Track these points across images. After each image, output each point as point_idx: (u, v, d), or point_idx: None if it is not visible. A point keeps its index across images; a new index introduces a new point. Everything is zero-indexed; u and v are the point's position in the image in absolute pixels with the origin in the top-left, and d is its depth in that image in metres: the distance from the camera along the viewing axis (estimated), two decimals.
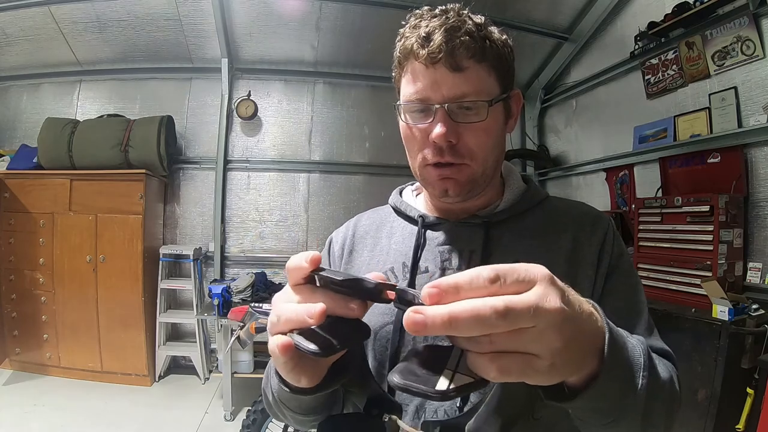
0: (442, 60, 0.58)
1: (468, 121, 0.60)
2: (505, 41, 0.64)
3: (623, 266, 0.66)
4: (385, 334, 0.64)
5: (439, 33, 0.58)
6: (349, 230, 0.80)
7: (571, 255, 0.65)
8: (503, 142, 0.68)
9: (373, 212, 0.83)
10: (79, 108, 3.93)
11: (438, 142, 0.60)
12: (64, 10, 3.38)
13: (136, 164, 3.49)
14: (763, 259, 2.30)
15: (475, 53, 0.58)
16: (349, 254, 0.76)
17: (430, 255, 0.68)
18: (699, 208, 2.32)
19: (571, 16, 3.53)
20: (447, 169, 0.63)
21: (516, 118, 0.68)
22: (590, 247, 0.65)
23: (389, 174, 4.18)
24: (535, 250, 0.65)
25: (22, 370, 3.42)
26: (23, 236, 3.42)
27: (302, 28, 3.66)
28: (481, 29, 0.60)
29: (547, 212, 0.70)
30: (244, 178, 4.05)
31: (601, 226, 0.68)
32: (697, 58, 2.62)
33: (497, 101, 0.61)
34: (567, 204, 0.73)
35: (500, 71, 0.62)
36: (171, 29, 3.61)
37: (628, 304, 0.65)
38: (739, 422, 1.96)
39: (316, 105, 4.17)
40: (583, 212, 0.71)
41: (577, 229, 0.67)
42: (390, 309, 0.64)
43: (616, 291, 0.64)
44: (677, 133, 2.77)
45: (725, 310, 2.02)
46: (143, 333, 3.45)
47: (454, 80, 0.58)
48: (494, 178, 0.69)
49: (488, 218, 0.67)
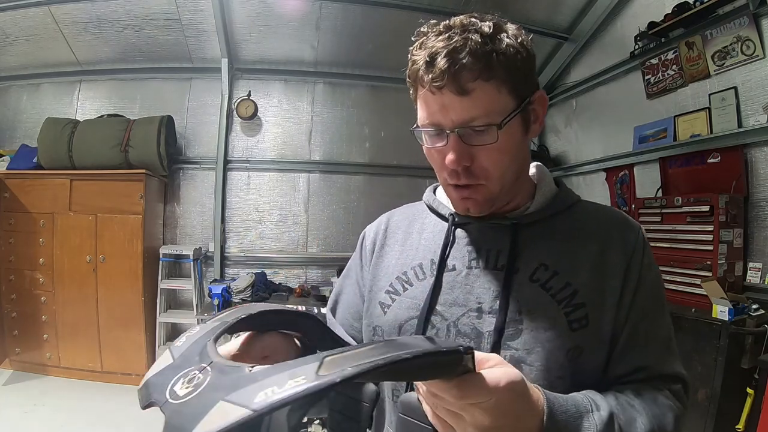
0: (447, 85, 0.57)
1: (480, 144, 0.59)
2: (520, 45, 0.60)
3: (649, 279, 0.64)
4: (409, 327, 0.67)
5: (442, 57, 0.56)
6: (381, 225, 0.81)
7: (598, 262, 0.63)
8: (524, 151, 0.66)
9: (407, 208, 0.84)
10: (79, 108, 3.92)
11: (451, 167, 0.61)
12: (64, 10, 3.37)
13: (136, 164, 3.49)
14: (763, 259, 2.30)
15: (481, 73, 0.56)
16: (380, 249, 0.77)
17: (458, 253, 0.68)
18: (699, 208, 2.32)
19: (571, 16, 3.54)
20: (465, 191, 0.64)
21: (541, 122, 0.66)
22: (617, 256, 0.64)
23: (389, 174, 4.19)
24: (560, 254, 0.64)
25: (22, 370, 3.42)
26: (23, 236, 3.42)
27: (302, 28, 3.66)
28: (488, 42, 0.57)
29: (577, 216, 0.69)
30: (244, 178, 4.05)
31: (631, 233, 0.66)
32: (697, 58, 2.62)
33: (509, 119, 0.59)
34: (597, 208, 0.71)
35: (513, 82, 0.59)
36: (171, 29, 3.61)
37: (647, 326, 0.63)
38: (739, 422, 1.96)
39: (316, 105, 4.16)
40: (613, 217, 0.69)
41: (605, 235, 0.66)
42: (416, 304, 0.67)
43: (637, 307, 0.63)
44: (677, 133, 2.77)
45: (725, 310, 2.02)
46: (143, 333, 3.45)
47: (461, 104, 0.57)
48: (521, 185, 0.69)
49: (517, 220, 0.67)
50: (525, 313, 0.61)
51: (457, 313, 0.64)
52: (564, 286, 0.62)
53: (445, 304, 0.65)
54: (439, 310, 0.65)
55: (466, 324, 0.63)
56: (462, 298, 0.65)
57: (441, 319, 0.65)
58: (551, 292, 0.61)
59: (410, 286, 0.69)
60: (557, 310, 0.60)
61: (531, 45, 0.62)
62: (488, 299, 0.63)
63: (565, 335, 0.59)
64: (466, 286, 0.65)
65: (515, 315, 0.61)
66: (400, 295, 0.70)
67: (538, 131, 0.67)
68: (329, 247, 4.13)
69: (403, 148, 4.18)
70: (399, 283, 0.71)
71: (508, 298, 0.62)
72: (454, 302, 0.65)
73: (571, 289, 0.61)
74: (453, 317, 0.64)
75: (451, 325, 0.64)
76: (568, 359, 0.59)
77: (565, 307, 0.61)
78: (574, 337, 0.59)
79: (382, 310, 0.70)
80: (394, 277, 0.72)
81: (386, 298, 0.71)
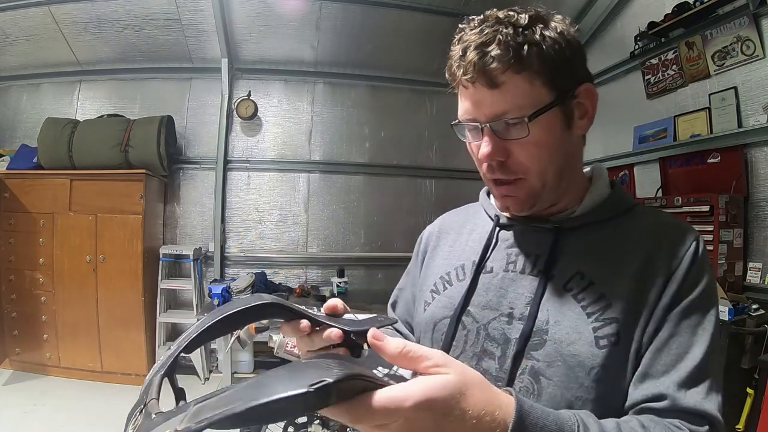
0: (478, 79, 0.56)
1: (513, 138, 0.58)
2: (559, 36, 0.57)
3: (692, 295, 0.56)
4: (442, 326, 0.67)
5: (472, 50, 0.56)
6: (436, 227, 0.82)
7: (640, 273, 0.57)
8: (567, 147, 0.62)
9: (464, 208, 0.83)
10: (79, 108, 3.92)
11: (484, 161, 0.61)
12: (64, 10, 3.38)
13: (136, 164, 3.49)
14: (763, 259, 2.30)
15: (511, 65, 0.55)
16: (432, 249, 0.78)
17: (498, 255, 0.68)
18: (699, 208, 2.33)
19: (571, 16, 3.47)
20: (504, 187, 0.63)
21: (590, 117, 0.63)
22: (662, 267, 0.57)
23: (389, 174, 4.19)
24: (600, 263, 0.60)
25: (22, 370, 3.42)
26: (23, 236, 3.42)
27: (302, 28, 3.66)
28: (520, 34, 0.55)
29: (627, 223, 0.63)
30: (244, 178, 4.05)
31: (682, 242, 0.58)
32: (697, 58, 2.62)
33: (540, 113, 0.56)
34: (652, 214, 0.65)
35: (549, 74, 0.57)
36: (171, 29, 3.61)
37: (677, 348, 0.54)
38: (739, 422, 1.96)
39: (316, 105, 4.16)
40: (666, 224, 0.62)
41: (653, 243, 0.59)
42: (451, 303, 0.67)
43: (671, 324, 0.55)
44: (677, 133, 2.77)
45: (725, 310, 2.02)
46: (143, 333, 3.45)
47: (492, 98, 0.57)
48: (569, 186, 0.65)
49: (560, 223, 0.64)
50: (552, 324, 0.58)
51: (488, 317, 0.63)
52: (598, 297, 0.57)
53: (478, 305, 0.65)
54: (472, 312, 0.65)
55: (496, 329, 0.62)
56: (495, 302, 0.64)
57: (472, 321, 0.64)
58: (583, 303, 0.57)
59: (450, 286, 0.70)
60: (585, 324, 0.56)
61: (575, 36, 0.60)
62: (520, 305, 0.61)
63: (590, 352, 0.55)
64: (501, 290, 0.64)
65: (543, 324, 0.58)
66: (440, 294, 0.70)
67: (586, 127, 0.63)
68: (329, 247, 4.13)
69: (403, 148, 4.19)
70: (441, 282, 0.71)
71: (539, 306, 0.59)
72: (486, 305, 0.64)
73: (605, 301, 0.56)
74: (484, 320, 0.63)
75: (481, 328, 0.63)
76: (591, 379, 0.54)
77: (594, 321, 0.56)
78: (600, 355, 0.54)
79: (423, 308, 0.72)
80: (439, 276, 0.72)
81: (429, 296, 0.72)
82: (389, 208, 4.16)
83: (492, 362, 0.61)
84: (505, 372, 0.59)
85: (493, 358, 0.61)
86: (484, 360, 0.62)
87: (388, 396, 0.35)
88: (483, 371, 0.60)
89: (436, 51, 3.62)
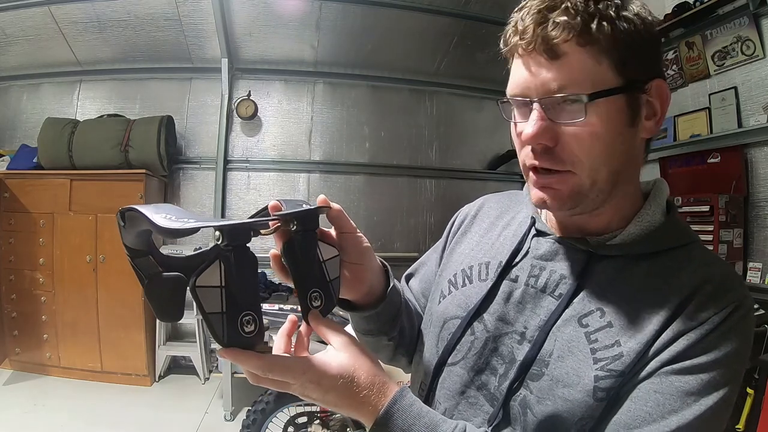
0: (535, 46, 0.48)
1: (567, 122, 0.49)
2: (637, 18, 0.49)
3: (696, 365, 0.46)
4: (451, 325, 0.63)
5: (533, 13, 0.49)
6: (473, 209, 0.74)
7: (663, 328, 0.49)
8: (626, 147, 0.52)
9: (507, 195, 0.74)
10: (79, 108, 3.92)
11: (527, 143, 0.52)
12: (64, 10, 3.38)
13: (136, 164, 3.49)
14: (763, 259, 2.30)
15: (575, 35, 0.46)
16: (463, 233, 0.72)
17: (526, 264, 0.60)
18: (699, 208, 2.33)
19: None
20: (545, 178, 0.52)
21: (659, 120, 0.53)
22: (685, 324, 0.48)
23: (389, 174, 4.18)
24: (626, 305, 0.51)
25: (22, 370, 3.42)
26: (23, 236, 3.42)
27: (302, 28, 3.66)
28: (590, 5, 0.47)
29: (672, 263, 0.53)
30: (244, 178, 4.05)
31: (720, 301, 0.48)
32: (697, 58, 2.62)
33: (604, 95, 0.47)
34: (706, 262, 0.53)
35: (620, 56, 0.48)
36: (171, 29, 3.61)
37: (649, 405, 0.47)
38: (739, 422, 1.96)
39: (316, 105, 4.16)
40: (712, 274, 0.51)
41: (689, 295, 0.49)
42: (466, 303, 0.63)
43: (656, 385, 0.47)
44: (677, 133, 2.77)
45: None
46: (143, 333, 3.45)
47: (549, 70, 0.48)
48: (618, 198, 0.55)
49: (595, 249, 0.55)
50: (555, 358, 0.52)
51: (501, 330, 0.58)
52: (612, 343, 0.50)
53: (494, 314, 0.59)
54: (486, 319, 0.60)
55: (507, 345, 0.57)
56: (512, 316, 0.58)
57: (483, 329, 0.59)
58: (594, 345, 0.51)
59: (470, 283, 0.64)
60: (589, 369, 0.50)
61: (654, 24, 0.51)
62: (533, 326, 0.56)
63: (584, 401, 0.49)
64: (520, 304, 0.58)
65: (546, 355, 0.53)
66: (458, 288, 0.65)
67: (653, 130, 0.53)
68: None
69: (403, 148, 4.18)
70: (462, 276, 0.66)
71: (548, 333, 0.54)
72: (502, 317, 0.59)
73: (618, 350, 0.49)
74: (496, 332, 0.58)
75: (490, 339, 0.58)
76: (576, 428, 0.49)
77: (599, 369, 0.49)
78: (593, 407, 0.49)
79: (438, 300, 0.67)
80: (461, 268, 0.67)
81: (447, 288, 0.67)
82: (389, 208, 4.16)
83: (492, 378, 0.57)
84: (501, 393, 0.55)
85: (494, 374, 0.57)
86: (484, 373, 0.58)
87: (297, 364, 0.49)
88: (480, 384, 0.58)
89: (435, 51, 3.62)
